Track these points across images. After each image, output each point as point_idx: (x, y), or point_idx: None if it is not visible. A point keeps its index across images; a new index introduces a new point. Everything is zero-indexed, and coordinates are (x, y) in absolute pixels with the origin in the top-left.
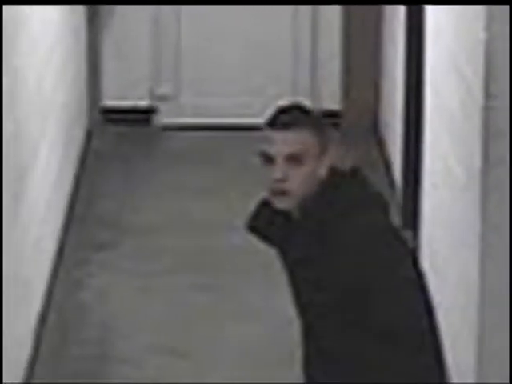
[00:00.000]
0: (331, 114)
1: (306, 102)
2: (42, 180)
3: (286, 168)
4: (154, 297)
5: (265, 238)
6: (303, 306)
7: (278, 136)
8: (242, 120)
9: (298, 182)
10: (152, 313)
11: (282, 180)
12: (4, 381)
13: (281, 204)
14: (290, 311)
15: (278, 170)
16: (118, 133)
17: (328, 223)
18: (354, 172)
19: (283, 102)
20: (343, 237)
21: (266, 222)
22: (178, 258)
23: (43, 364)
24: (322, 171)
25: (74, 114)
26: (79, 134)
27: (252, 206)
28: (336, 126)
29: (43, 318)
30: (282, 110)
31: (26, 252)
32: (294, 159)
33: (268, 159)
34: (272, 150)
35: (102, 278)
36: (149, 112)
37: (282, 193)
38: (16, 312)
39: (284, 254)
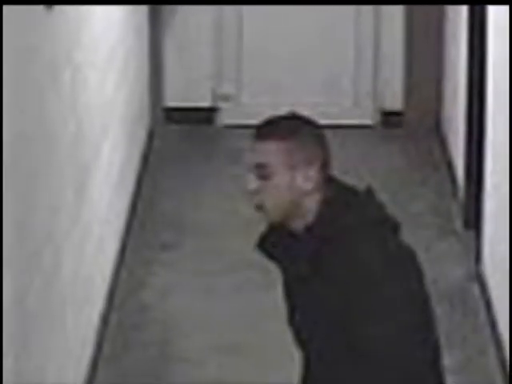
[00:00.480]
0: (393, 114)
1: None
2: (104, 180)
3: (258, 181)
4: (216, 296)
5: (271, 256)
6: (298, 328)
7: (250, 147)
8: None
9: (268, 195)
10: (214, 312)
11: (254, 193)
12: (67, 380)
13: (264, 219)
14: None
15: (249, 182)
16: (179, 132)
17: (327, 243)
18: (367, 192)
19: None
20: (336, 262)
21: (274, 241)
22: (240, 256)
23: (105, 364)
24: (308, 186)
25: (136, 113)
26: (141, 134)
27: None
28: (398, 125)
29: (105, 318)
30: (268, 121)
31: (88, 251)
32: (262, 172)
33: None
34: (246, 161)
35: (165, 277)
36: (211, 111)
37: (257, 207)
38: (79, 312)
39: (284, 270)
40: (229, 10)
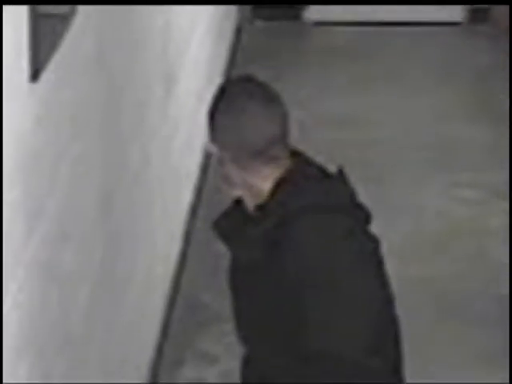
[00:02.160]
0: (480, 11)
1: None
2: (191, 75)
3: (219, 167)
4: None
5: (225, 238)
6: (244, 323)
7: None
8: (392, 16)
9: (224, 181)
10: None
11: (223, 179)
12: (155, 276)
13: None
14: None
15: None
16: (267, 29)
17: (280, 226)
18: (337, 174)
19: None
20: (286, 251)
21: (231, 223)
22: (331, 150)
23: (194, 255)
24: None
25: (223, 9)
26: (229, 30)
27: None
28: (485, 21)
29: (194, 212)
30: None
31: (176, 148)
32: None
33: None
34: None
35: None
36: (299, 7)
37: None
38: (166, 208)
39: (233, 255)
40: None
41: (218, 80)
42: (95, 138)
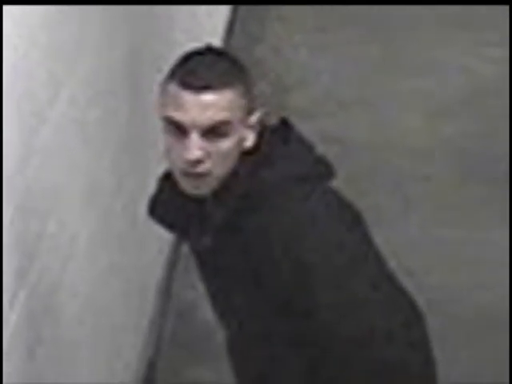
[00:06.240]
0: None
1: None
2: None
3: (205, 144)
4: (332, 51)
5: (172, 226)
6: (222, 310)
7: (195, 100)
8: None
9: (220, 160)
10: (328, 65)
11: (200, 161)
12: None
13: (197, 191)
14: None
15: (193, 148)
16: None
17: (241, 207)
18: (282, 127)
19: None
20: (256, 231)
21: (169, 204)
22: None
23: None
24: (249, 140)
25: None
26: None
27: None
28: None
29: None
30: (199, 62)
31: None
32: (215, 131)
33: (178, 130)
34: (185, 119)
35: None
36: None
37: (199, 176)
38: None
39: (191, 241)
40: None
41: None
42: None
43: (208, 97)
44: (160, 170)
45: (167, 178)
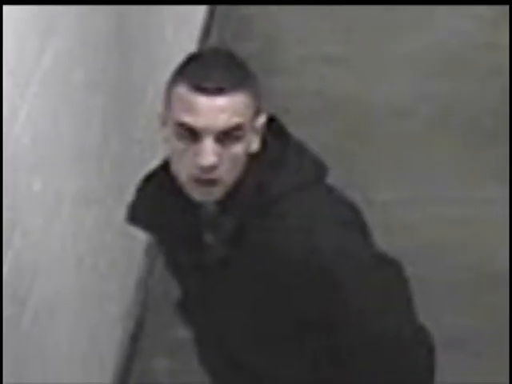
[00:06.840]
0: None
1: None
2: None
3: (219, 149)
4: (319, 10)
5: (155, 229)
6: (192, 315)
7: (209, 104)
8: None
9: (232, 165)
10: (317, 24)
11: (214, 167)
12: None
13: (208, 197)
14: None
15: (207, 153)
16: None
17: (251, 217)
18: (276, 129)
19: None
20: (265, 242)
21: (154, 207)
22: None
23: None
24: (255, 143)
25: None
26: None
27: None
28: None
29: None
30: (210, 65)
31: None
32: (228, 136)
33: (191, 135)
34: (199, 124)
35: None
36: None
37: (211, 182)
38: None
39: (198, 253)
40: None
41: None
42: None
43: (222, 100)
44: (145, 134)
45: (149, 182)
